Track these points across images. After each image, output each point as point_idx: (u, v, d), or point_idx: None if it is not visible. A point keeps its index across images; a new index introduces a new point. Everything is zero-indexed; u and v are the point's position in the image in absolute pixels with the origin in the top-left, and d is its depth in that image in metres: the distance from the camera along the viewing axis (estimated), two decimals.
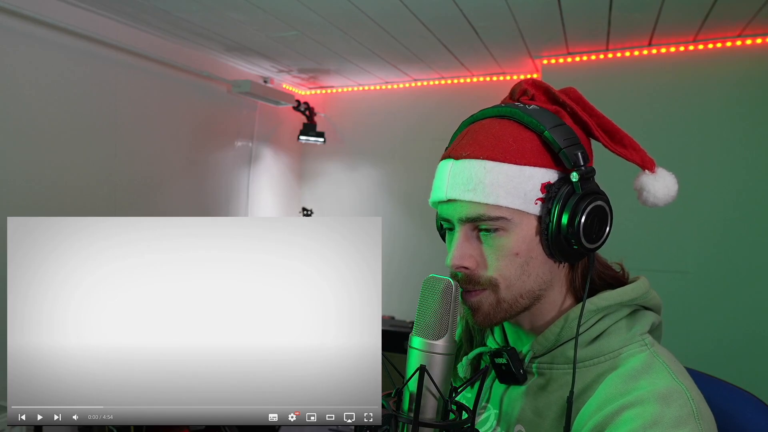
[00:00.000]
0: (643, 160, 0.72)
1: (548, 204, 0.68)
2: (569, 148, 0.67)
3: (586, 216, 0.67)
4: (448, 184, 0.70)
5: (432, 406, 0.60)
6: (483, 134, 0.71)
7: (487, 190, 0.67)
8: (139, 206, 2.63)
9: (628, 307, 0.73)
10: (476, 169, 0.68)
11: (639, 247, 2.63)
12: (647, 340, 0.71)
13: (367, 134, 3.70)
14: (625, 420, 0.62)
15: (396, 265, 3.50)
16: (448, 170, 0.71)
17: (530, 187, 0.67)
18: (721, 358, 2.49)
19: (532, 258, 0.69)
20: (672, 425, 0.60)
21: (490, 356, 0.77)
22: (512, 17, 2.27)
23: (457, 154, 0.71)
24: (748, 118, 2.50)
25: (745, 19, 2.27)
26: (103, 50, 2.39)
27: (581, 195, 0.67)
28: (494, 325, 0.73)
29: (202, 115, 3.02)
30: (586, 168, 0.67)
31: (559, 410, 0.70)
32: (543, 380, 0.73)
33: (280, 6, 2.18)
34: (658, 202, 0.73)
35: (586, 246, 0.68)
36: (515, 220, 0.68)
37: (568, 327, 0.71)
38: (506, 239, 0.68)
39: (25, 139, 2.10)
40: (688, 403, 0.62)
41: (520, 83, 0.76)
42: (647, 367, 0.67)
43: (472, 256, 0.70)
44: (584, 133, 0.72)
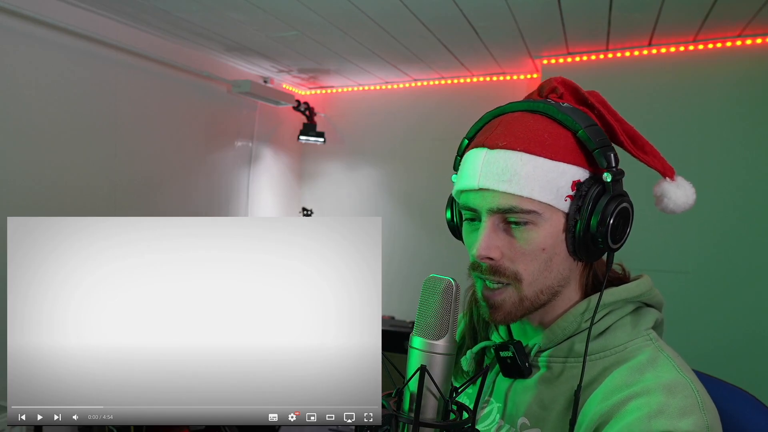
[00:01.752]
0: (664, 168, 0.74)
1: (578, 202, 0.68)
2: (603, 148, 0.68)
3: (614, 217, 0.68)
4: (480, 172, 0.69)
5: (432, 406, 0.60)
6: (518, 126, 0.70)
7: (522, 182, 0.67)
8: (139, 206, 2.63)
9: (633, 303, 0.74)
10: (512, 160, 0.67)
11: (639, 247, 2.63)
12: (652, 336, 0.72)
13: (367, 134, 3.70)
14: (632, 409, 0.63)
15: (396, 265, 3.50)
16: (481, 159, 0.69)
17: (563, 183, 0.68)
18: (721, 358, 2.49)
19: (556, 254, 0.70)
20: (677, 415, 0.61)
21: (495, 350, 0.78)
22: (512, 17, 2.27)
23: (492, 144, 0.69)
24: (748, 118, 2.50)
25: (745, 19, 2.27)
26: (103, 50, 2.39)
27: (612, 196, 0.68)
28: (512, 322, 0.73)
29: (202, 115, 3.02)
30: (618, 169, 0.68)
31: (565, 402, 0.71)
32: (549, 373, 0.74)
33: (280, 6, 2.18)
34: (677, 210, 0.74)
35: (611, 246, 0.69)
36: (545, 215, 0.68)
37: (576, 321, 0.72)
38: (535, 233, 0.68)
39: (25, 139, 2.10)
40: (693, 394, 0.63)
41: (549, 80, 0.76)
42: (652, 360, 0.68)
43: (498, 247, 0.69)
44: (610, 136, 0.73)
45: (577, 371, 0.70)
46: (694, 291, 2.58)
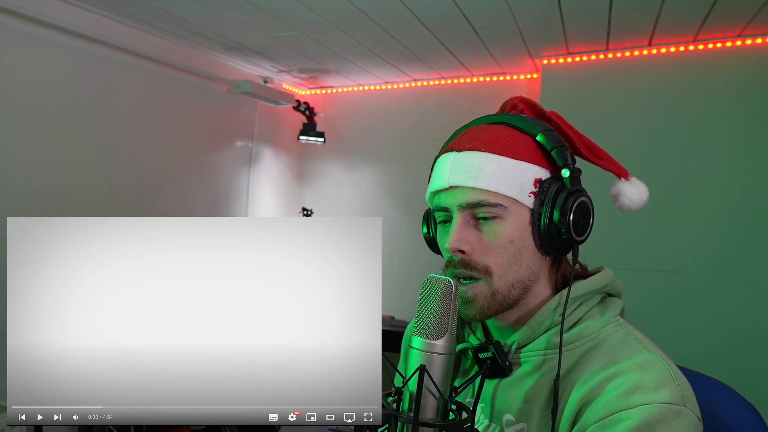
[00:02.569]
0: (618, 170, 0.80)
1: (541, 197, 0.74)
2: (560, 148, 0.75)
3: (575, 209, 0.73)
4: (450, 172, 0.75)
5: (432, 405, 0.60)
6: (483, 132, 0.78)
7: (488, 178, 0.73)
8: (139, 206, 2.64)
9: (599, 294, 0.80)
10: (478, 159, 0.74)
11: (638, 247, 2.63)
12: (621, 322, 0.78)
13: (367, 134, 3.70)
14: (611, 389, 0.68)
15: (396, 265, 3.50)
16: (450, 161, 0.76)
17: (525, 180, 0.74)
18: (720, 358, 2.49)
19: (524, 248, 0.75)
20: (653, 388, 0.66)
21: (473, 352, 0.80)
22: (512, 17, 2.27)
23: (460, 147, 0.77)
24: (748, 118, 2.50)
25: (745, 19, 2.27)
26: (103, 50, 2.39)
27: (571, 191, 0.74)
28: (488, 318, 0.77)
29: (202, 115, 3.02)
30: (575, 167, 0.74)
31: (547, 393, 0.74)
32: (529, 368, 0.77)
33: (280, 6, 2.18)
34: (633, 206, 0.80)
35: (575, 238, 0.74)
36: (511, 208, 0.74)
37: (551, 315, 0.76)
38: (502, 226, 0.74)
39: (25, 139, 2.10)
40: (666, 368, 0.69)
41: (510, 99, 0.85)
42: (623, 343, 0.73)
43: (468, 241, 0.74)
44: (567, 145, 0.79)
45: (556, 362, 0.73)
46: (694, 291, 2.57)
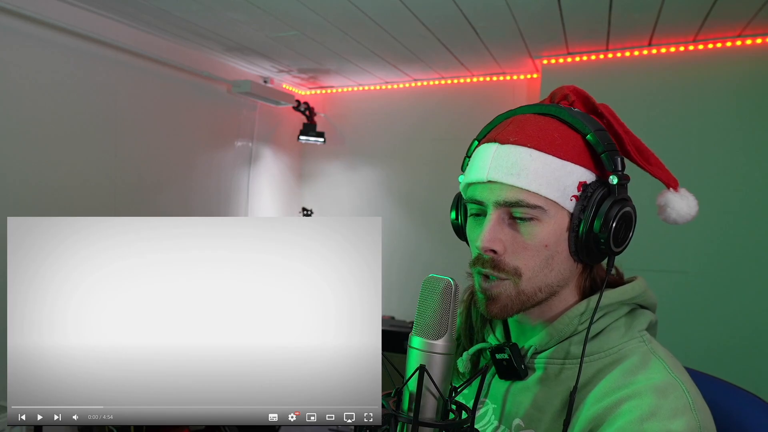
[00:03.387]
0: (668, 179, 0.75)
1: (583, 202, 0.69)
2: (611, 152, 0.69)
3: (617, 220, 0.69)
4: (490, 165, 0.70)
5: (432, 405, 0.60)
6: (529, 125, 0.72)
7: (530, 177, 0.68)
8: (139, 206, 2.63)
9: (628, 305, 0.75)
10: (522, 155, 0.69)
11: (639, 247, 2.61)
12: (645, 337, 0.73)
13: (367, 134, 3.70)
14: (624, 411, 0.63)
15: (396, 265, 3.50)
16: (491, 153, 0.71)
17: (569, 182, 0.69)
18: (721, 358, 2.49)
19: (557, 253, 0.71)
20: (669, 416, 0.62)
21: (491, 352, 0.78)
22: (512, 17, 2.27)
23: (504, 139, 0.71)
24: (748, 118, 2.50)
25: (745, 19, 2.27)
26: (103, 50, 2.39)
27: (616, 199, 0.69)
28: (508, 317, 0.74)
29: (202, 115, 3.02)
30: (624, 174, 0.70)
31: (560, 404, 0.71)
32: (545, 375, 0.74)
33: (280, 6, 2.18)
34: (680, 220, 0.75)
35: (613, 249, 0.70)
36: (550, 211, 0.69)
37: (574, 323, 0.73)
38: (539, 228, 0.69)
39: (25, 139, 2.10)
40: (684, 395, 0.64)
41: (561, 88, 0.79)
42: (644, 362, 0.69)
43: (501, 240, 0.70)
44: (617, 145, 0.74)
45: (573, 373, 0.70)
46: (694, 291, 2.57)
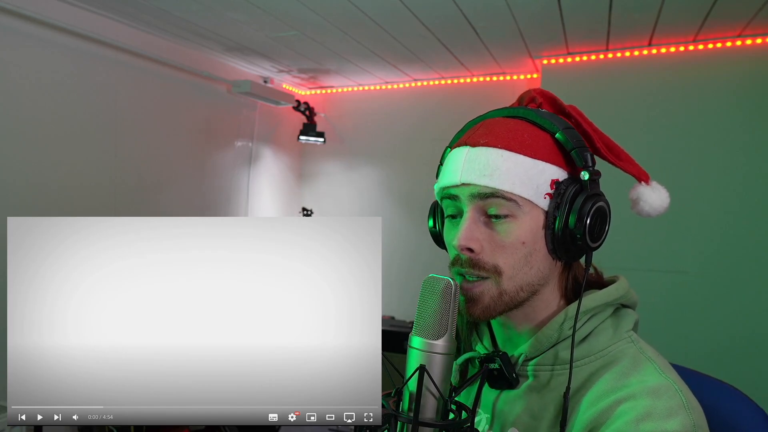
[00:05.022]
0: (639, 173, 0.76)
1: (557, 199, 0.70)
2: (580, 148, 0.71)
3: (592, 215, 0.69)
4: (463, 168, 0.71)
5: (432, 405, 0.60)
6: (499, 127, 0.73)
7: (503, 177, 0.69)
8: (139, 206, 2.63)
9: (612, 306, 0.75)
10: (493, 156, 0.70)
11: (638, 247, 2.63)
12: (633, 338, 0.74)
13: (367, 134, 3.70)
14: (620, 413, 0.64)
15: (396, 265, 3.50)
16: (463, 156, 0.72)
17: (542, 181, 0.70)
18: (721, 358, 2.49)
19: (536, 250, 0.71)
20: (664, 416, 0.63)
21: (480, 362, 0.78)
22: (512, 17, 2.27)
23: (474, 142, 0.72)
24: (748, 118, 2.50)
25: (745, 19, 2.27)
26: (103, 50, 2.39)
27: (589, 194, 0.70)
28: (491, 318, 0.73)
29: (202, 115, 3.02)
30: (595, 169, 0.70)
31: (555, 411, 0.71)
32: (537, 383, 0.74)
33: (280, 6, 2.18)
34: (652, 212, 0.77)
35: (590, 244, 0.70)
36: (525, 208, 0.70)
37: (560, 328, 0.73)
38: (515, 226, 0.70)
39: (25, 139, 2.10)
40: (677, 395, 0.65)
41: (528, 91, 0.79)
42: (636, 364, 0.69)
43: (478, 239, 0.70)
44: (587, 143, 0.75)
45: (564, 378, 0.70)
46: (694, 291, 2.57)
